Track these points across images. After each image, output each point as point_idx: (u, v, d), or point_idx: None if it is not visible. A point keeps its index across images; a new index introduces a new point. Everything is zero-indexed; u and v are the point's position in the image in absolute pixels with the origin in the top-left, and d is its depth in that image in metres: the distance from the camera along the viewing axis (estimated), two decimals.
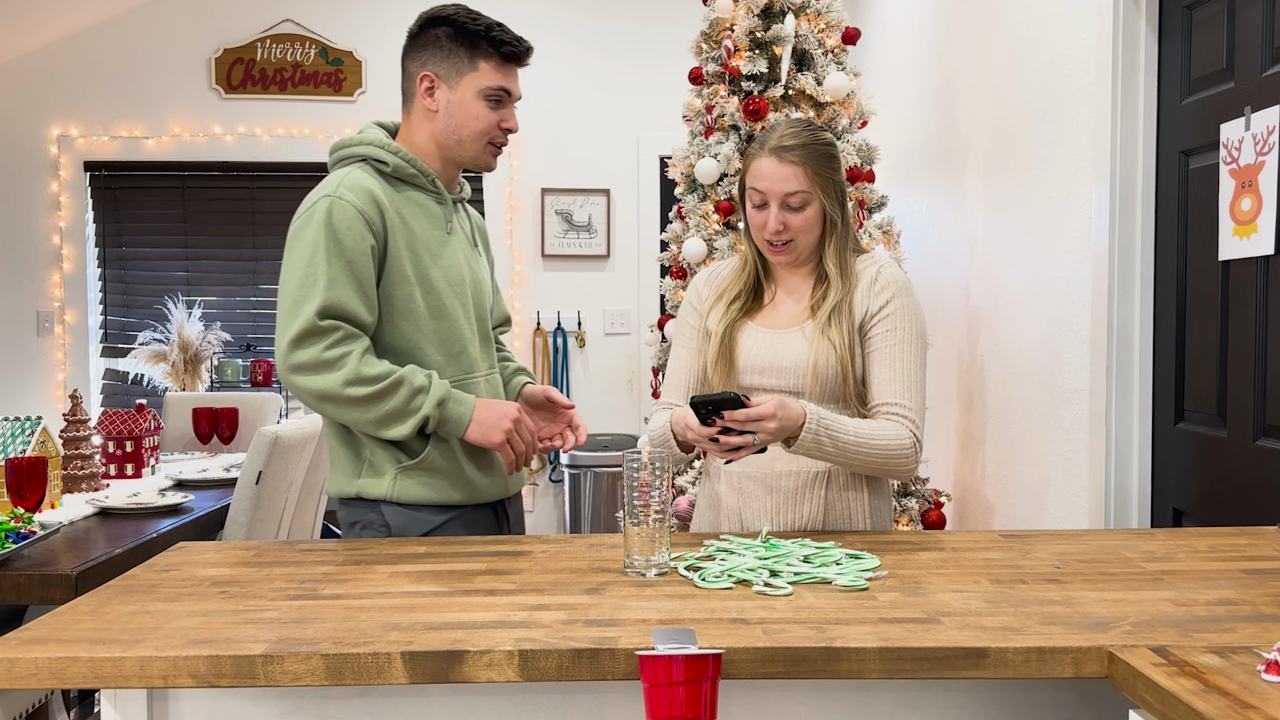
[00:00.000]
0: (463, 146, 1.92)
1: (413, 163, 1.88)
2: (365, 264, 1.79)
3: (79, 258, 5.13)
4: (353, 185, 1.81)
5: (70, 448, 2.93)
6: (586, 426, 5.21)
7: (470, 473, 1.89)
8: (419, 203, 1.90)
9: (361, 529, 1.89)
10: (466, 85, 1.89)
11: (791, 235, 1.82)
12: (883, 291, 1.83)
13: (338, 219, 1.77)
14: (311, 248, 1.77)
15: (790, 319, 1.88)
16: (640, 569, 1.48)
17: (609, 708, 1.34)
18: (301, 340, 1.75)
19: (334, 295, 1.75)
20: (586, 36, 5.20)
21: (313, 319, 1.74)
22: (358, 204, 1.79)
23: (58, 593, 2.06)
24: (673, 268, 3.40)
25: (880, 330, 1.82)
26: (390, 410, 1.77)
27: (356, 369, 1.74)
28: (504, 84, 1.92)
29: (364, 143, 1.89)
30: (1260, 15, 2.05)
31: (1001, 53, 3.11)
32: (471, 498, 1.90)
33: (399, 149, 1.88)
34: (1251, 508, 2.09)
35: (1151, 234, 2.43)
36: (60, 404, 5.09)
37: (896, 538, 1.72)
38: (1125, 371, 2.46)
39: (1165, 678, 1.05)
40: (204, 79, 5.11)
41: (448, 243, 1.92)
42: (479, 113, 1.90)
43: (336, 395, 1.75)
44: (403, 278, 1.83)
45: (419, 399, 1.78)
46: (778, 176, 1.79)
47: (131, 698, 1.32)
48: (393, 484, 1.85)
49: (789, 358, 1.82)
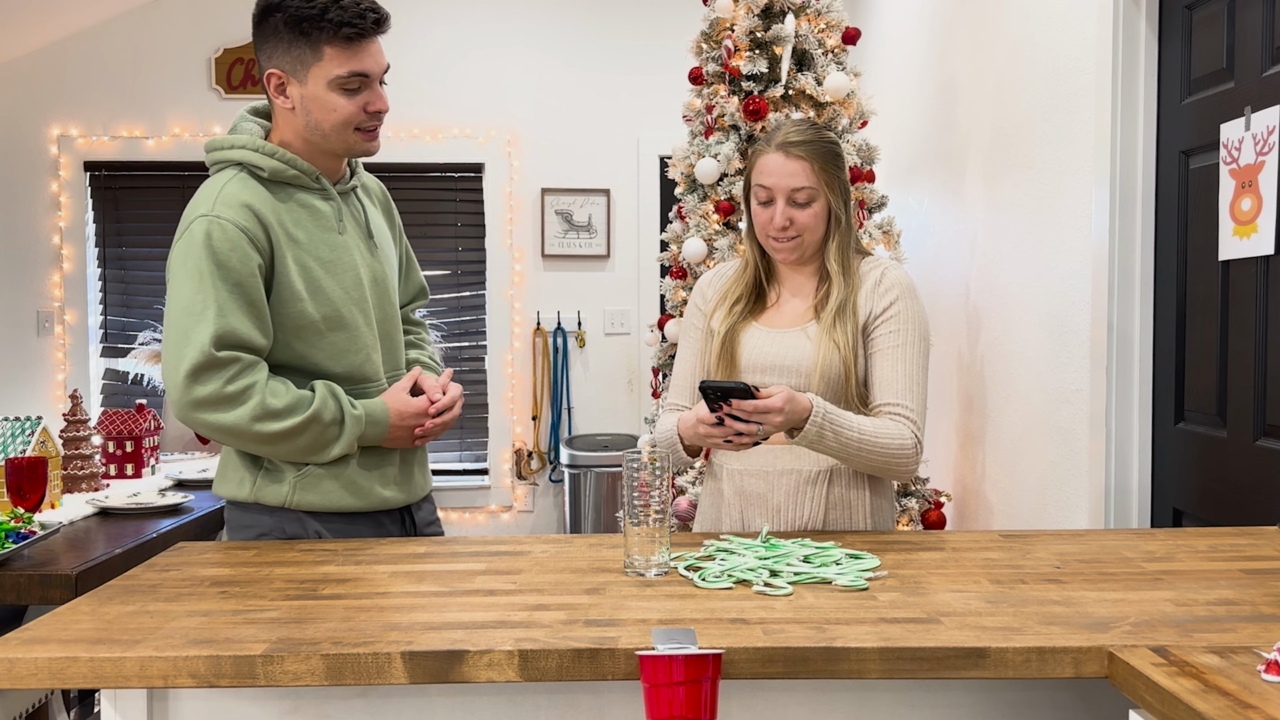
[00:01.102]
0: (329, 140, 1.77)
1: (291, 163, 1.76)
2: (254, 285, 1.69)
3: (79, 258, 5.13)
4: (230, 201, 1.70)
5: (70, 448, 2.93)
6: (586, 424, 5.22)
7: (365, 480, 1.82)
8: (304, 204, 1.78)
9: (260, 534, 1.80)
10: (315, 77, 1.72)
11: (797, 231, 1.83)
12: (887, 293, 1.84)
13: (218, 241, 1.66)
14: (196, 275, 1.66)
15: (793, 318, 1.89)
16: (640, 569, 1.48)
17: (609, 708, 1.34)
18: (199, 374, 1.65)
19: (226, 323, 1.65)
20: (586, 36, 5.19)
21: (208, 350, 1.64)
22: (239, 222, 1.68)
23: (58, 593, 2.06)
24: (673, 268, 3.40)
25: (884, 331, 1.83)
26: (303, 446, 1.73)
27: (263, 403, 1.67)
28: (355, 68, 1.73)
29: (236, 145, 1.76)
30: (1260, 15, 2.05)
31: (1002, 53, 3.11)
32: (372, 505, 1.83)
33: (275, 150, 1.75)
34: (1251, 508, 2.09)
35: (1151, 234, 2.43)
36: (60, 404, 5.09)
37: (896, 538, 1.72)
38: (1125, 371, 2.46)
39: (1165, 678, 1.05)
40: (204, 79, 5.11)
41: (339, 244, 1.80)
42: (335, 104, 1.74)
43: (245, 432, 1.68)
44: (292, 294, 1.73)
45: (332, 431, 1.74)
46: (785, 172, 1.80)
47: (131, 698, 1.32)
48: (291, 492, 1.78)
49: (791, 356, 1.83)
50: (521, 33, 5.12)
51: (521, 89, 5.14)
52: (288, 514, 1.79)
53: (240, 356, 1.68)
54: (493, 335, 5.17)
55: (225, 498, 1.85)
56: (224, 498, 1.86)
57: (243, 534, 1.83)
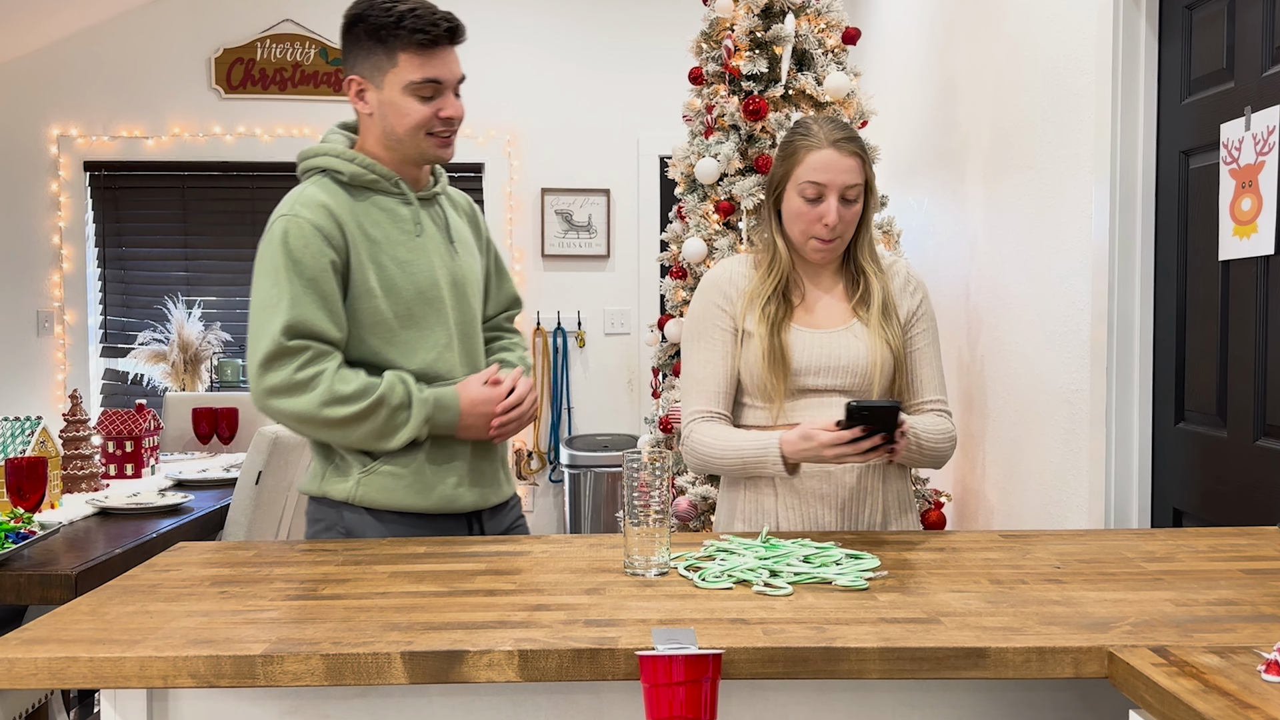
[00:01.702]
0: (404, 145, 1.83)
1: (371, 168, 1.83)
2: (327, 279, 1.75)
3: (79, 258, 5.13)
4: (307, 202, 1.77)
5: (70, 448, 2.93)
6: (586, 424, 5.22)
7: (435, 479, 1.83)
8: (384, 208, 1.84)
9: (323, 530, 1.83)
10: (391, 83, 1.80)
11: (844, 229, 1.82)
12: (915, 292, 1.91)
13: (294, 238, 1.74)
14: (272, 271, 1.74)
15: (833, 318, 1.87)
16: (640, 569, 1.48)
17: (609, 708, 1.34)
18: (271, 363, 1.71)
19: (298, 313, 1.71)
20: (586, 36, 5.20)
21: (279, 339, 1.70)
22: (314, 220, 1.75)
23: (58, 593, 2.06)
24: (673, 268, 3.40)
25: (917, 330, 1.89)
26: (372, 431, 1.75)
27: (331, 388, 1.71)
28: (429, 74, 1.79)
29: (321, 153, 1.85)
30: (1260, 15, 2.05)
31: (1002, 52, 3.11)
32: (438, 507, 1.83)
33: (355, 156, 1.83)
34: (1251, 508, 2.09)
35: (1151, 234, 2.43)
36: (60, 404, 5.09)
37: (896, 538, 1.72)
38: (1125, 371, 2.46)
39: (1165, 678, 1.05)
40: (204, 79, 5.11)
41: (416, 246, 1.85)
42: (409, 109, 1.80)
43: (314, 417, 1.72)
44: (367, 290, 1.79)
45: (401, 416, 1.76)
46: (841, 168, 1.78)
47: (131, 698, 1.32)
48: (355, 487, 1.80)
49: (846, 357, 1.82)
50: (521, 32, 5.13)
51: (521, 89, 5.14)
52: (351, 510, 1.81)
53: (310, 344, 1.72)
54: None
55: (301, 490, 1.89)
56: (301, 490, 1.89)
57: (312, 528, 1.86)
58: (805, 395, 1.83)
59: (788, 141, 1.85)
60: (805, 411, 1.81)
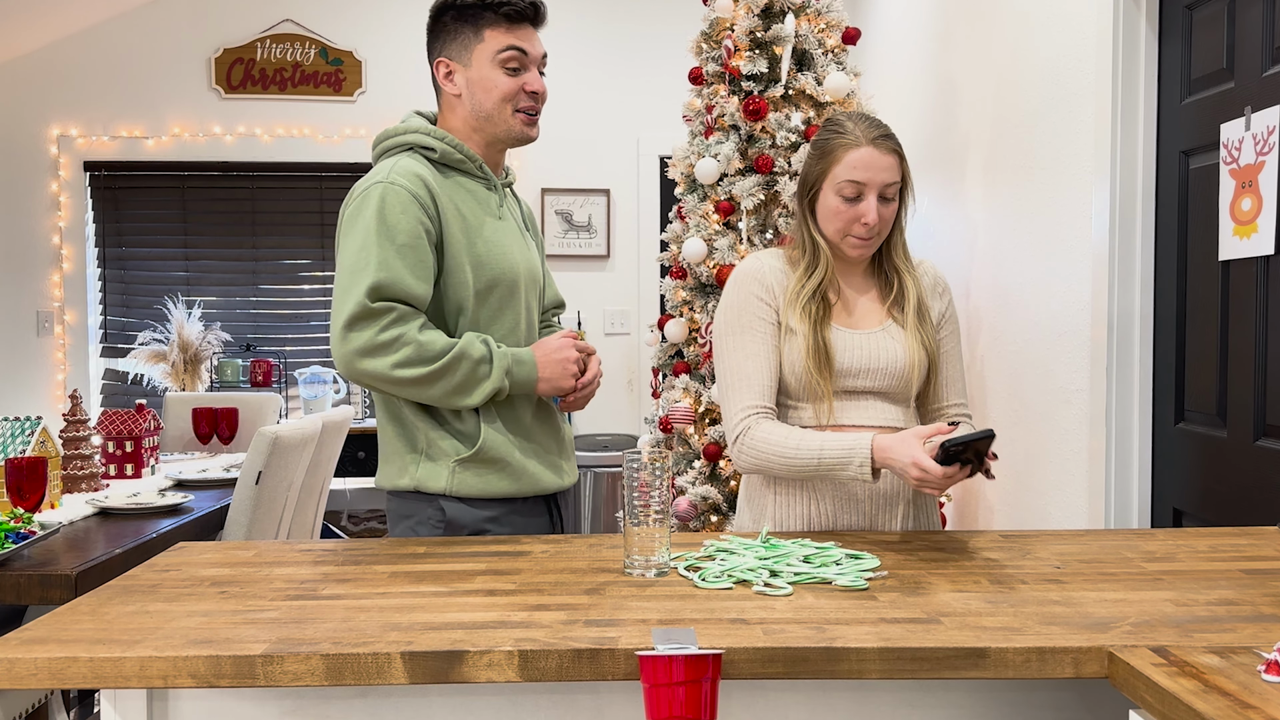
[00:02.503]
0: (491, 122, 1.88)
1: (459, 148, 1.86)
2: (421, 245, 1.76)
3: (79, 258, 5.13)
4: (404, 171, 1.79)
5: (70, 448, 2.93)
6: (586, 424, 5.22)
7: (524, 462, 1.86)
8: (468, 189, 1.87)
9: (417, 524, 1.83)
10: (479, 58, 1.85)
11: (882, 227, 1.81)
12: (943, 294, 1.92)
13: (390, 203, 1.75)
14: (363, 234, 1.75)
15: (869, 319, 1.85)
16: (640, 569, 1.48)
17: (609, 708, 1.34)
18: (354, 324, 1.71)
19: (384, 275, 1.72)
20: (586, 36, 5.19)
21: (363, 301, 1.70)
22: (410, 188, 1.77)
23: (58, 593, 2.06)
24: (673, 268, 3.40)
25: (945, 333, 1.90)
26: (456, 384, 1.76)
27: (415, 349, 1.72)
28: (515, 42, 1.85)
29: (409, 130, 1.87)
30: (1260, 15, 2.05)
31: (1001, 53, 3.10)
32: (525, 489, 1.86)
33: (444, 135, 1.86)
34: (1251, 508, 2.09)
35: (1151, 234, 2.43)
36: (60, 404, 5.09)
37: (896, 538, 1.72)
38: (1125, 371, 2.46)
39: (1165, 678, 1.05)
40: (204, 79, 5.11)
41: (500, 228, 1.89)
42: (497, 80, 1.85)
43: (395, 378, 1.73)
44: (457, 264, 1.81)
45: (483, 368, 1.77)
46: (882, 166, 1.77)
47: (131, 698, 1.32)
48: (451, 477, 1.81)
49: (884, 359, 1.81)
50: None
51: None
52: (449, 500, 1.83)
53: (395, 306, 1.73)
54: None
55: (387, 489, 1.87)
56: (386, 489, 1.88)
57: (402, 525, 1.86)
58: (843, 397, 1.81)
59: (823, 140, 1.81)
60: (844, 413, 1.80)
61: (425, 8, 1.97)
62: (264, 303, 5.26)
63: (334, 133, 5.15)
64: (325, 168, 5.17)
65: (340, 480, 4.90)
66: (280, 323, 5.26)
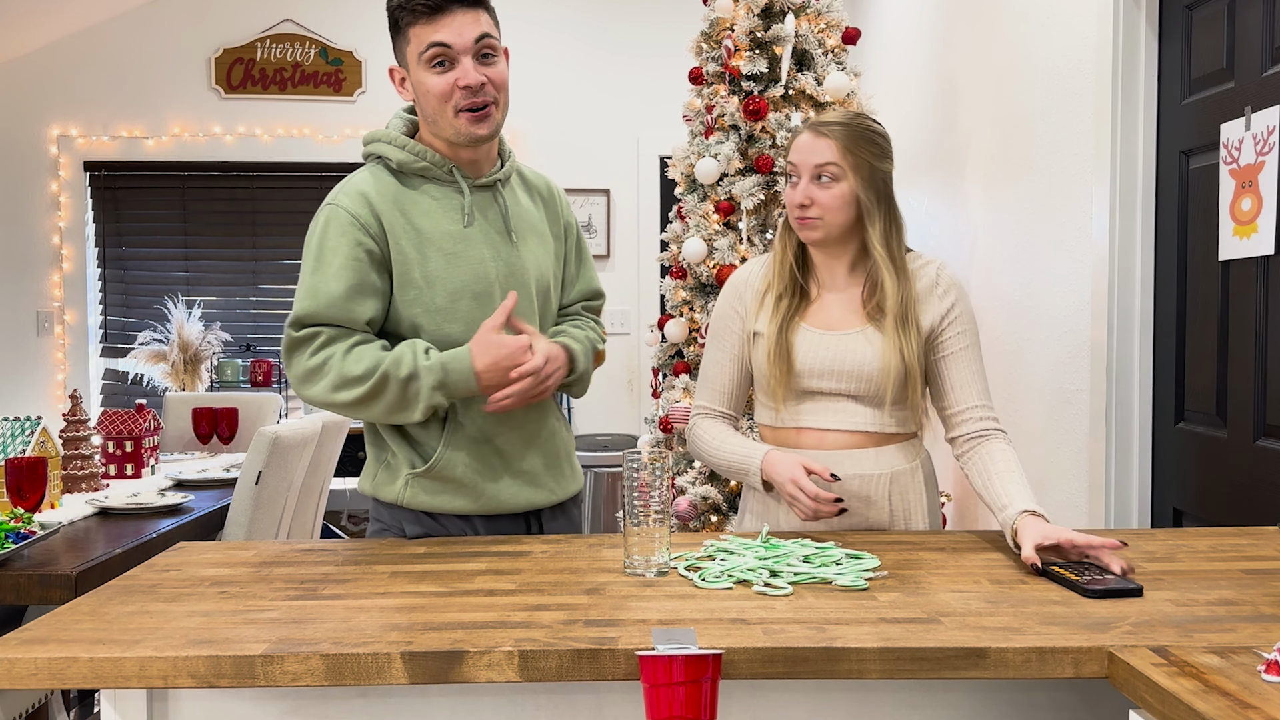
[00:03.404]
0: (438, 125, 1.77)
1: (421, 155, 1.79)
2: (359, 265, 1.71)
3: (79, 258, 5.13)
4: (350, 190, 1.76)
5: (70, 448, 2.93)
6: (586, 424, 5.22)
7: (483, 483, 1.79)
8: (434, 195, 1.79)
9: (380, 530, 1.83)
10: (411, 61, 1.76)
11: (819, 212, 1.78)
12: (946, 294, 1.82)
13: (331, 227, 1.73)
14: (304, 259, 1.75)
15: (845, 319, 1.83)
16: (640, 569, 1.48)
17: (609, 708, 1.34)
18: (289, 355, 1.73)
19: (307, 304, 1.70)
20: (586, 36, 5.20)
21: (289, 331, 1.72)
22: (351, 209, 1.73)
23: (58, 593, 2.06)
24: (673, 268, 3.40)
25: (952, 334, 1.81)
26: (389, 404, 1.70)
27: (340, 372, 1.68)
28: (433, 37, 1.71)
29: (376, 139, 1.83)
30: (1260, 15, 2.05)
31: (1002, 52, 3.10)
32: (486, 508, 1.79)
33: (405, 142, 1.79)
34: (1251, 508, 2.09)
35: (1151, 234, 2.43)
36: (60, 404, 5.09)
37: (896, 538, 1.71)
38: (1125, 371, 2.46)
39: (1165, 678, 1.05)
40: (204, 79, 5.11)
41: (465, 236, 1.79)
42: (427, 82, 1.74)
43: (331, 401, 1.71)
44: (409, 280, 1.75)
45: (412, 386, 1.69)
46: (811, 148, 1.79)
47: (131, 698, 1.32)
48: (403, 489, 1.79)
49: (852, 361, 1.79)
50: (521, 33, 5.13)
51: (521, 89, 5.12)
52: (404, 512, 1.80)
53: (321, 330, 1.70)
54: None
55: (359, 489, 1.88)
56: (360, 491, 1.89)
57: (372, 526, 1.86)
58: (811, 398, 1.82)
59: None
60: (811, 414, 1.82)
61: None
62: (264, 303, 5.26)
63: (334, 133, 5.15)
64: (325, 168, 5.17)
65: (340, 480, 4.90)
66: (280, 323, 5.26)
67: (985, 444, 1.78)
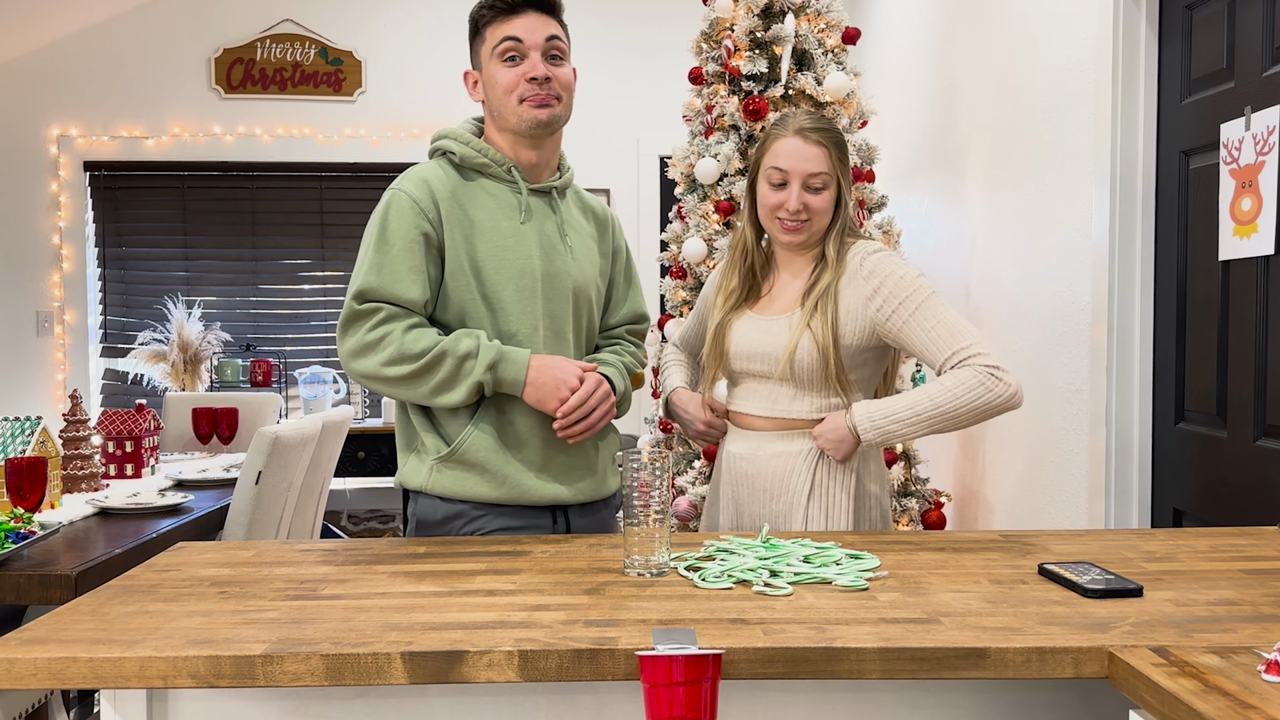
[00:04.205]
0: (503, 116, 1.87)
1: (483, 151, 1.88)
2: (415, 249, 1.78)
3: (79, 258, 5.13)
4: (412, 177, 1.84)
5: (70, 448, 2.93)
6: None
7: (507, 469, 1.81)
8: (490, 192, 1.88)
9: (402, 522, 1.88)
10: (485, 58, 1.89)
11: (809, 215, 1.86)
12: (870, 277, 1.84)
13: (392, 209, 1.81)
14: (366, 239, 1.82)
15: (784, 305, 1.92)
16: (640, 569, 1.48)
17: (609, 708, 1.34)
18: (346, 327, 1.78)
19: (372, 279, 1.76)
20: (587, 37, 5.19)
21: (352, 304, 1.77)
22: (413, 194, 1.81)
23: (58, 593, 2.06)
24: (673, 268, 3.40)
25: (890, 309, 1.81)
26: (439, 381, 1.76)
27: (400, 347, 1.74)
28: (508, 32, 1.85)
29: (443, 135, 1.92)
30: (1260, 15, 2.05)
31: (1002, 53, 3.10)
32: (508, 496, 1.80)
33: (469, 139, 1.89)
34: (1251, 508, 2.09)
35: (1151, 234, 2.43)
36: (60, 404, 5.09)
37: (896, 538, 1.72)
38: (1125, 371, 2.46)
39: (1165, 678, 1.05)
40: (204, 79, 5.11)
41: (519, 233, 1.86)
42: (498, 75, 1.86)
43: (382, 375, 1.75)
44: (459, 268, 1.82)
45: (468, 364, 1.76)
46: (804, 156, 1.84)
47: (131, 698, 1.32)
48: (429, 475, 1.82)
49: (770, 344, 1.87)
50: None
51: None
52: (424, 497, 1.84)
53: (382, 307, 1.76)
54: None
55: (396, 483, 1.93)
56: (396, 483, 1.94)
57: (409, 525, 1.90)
58: (745, 379, 1.94)
59: (765, 132, 1.92)
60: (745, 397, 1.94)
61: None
62: (264, 303, 5.26)
63: (334, 133, 5.15)
64: (325, 168, 5.17)
65: (340, 480, 4.90)
66: (280, 323, 5.26)
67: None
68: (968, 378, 1.75)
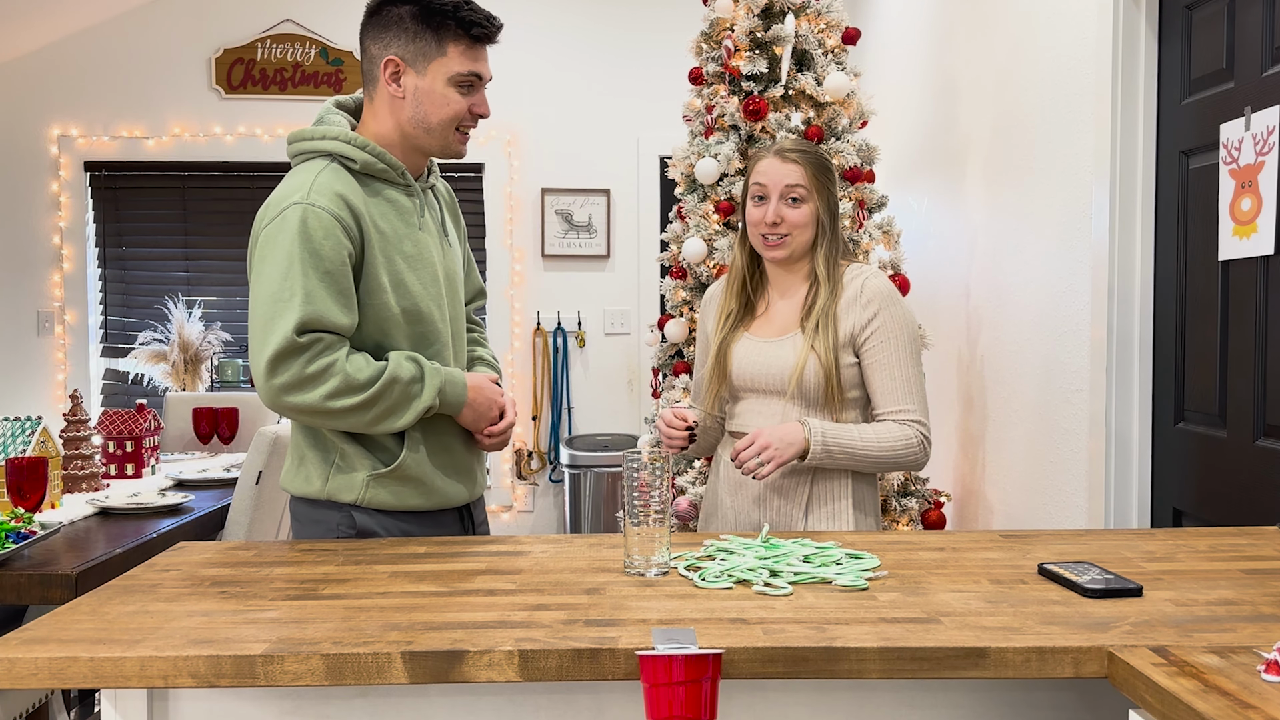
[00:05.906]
0: (431, 135, 1.81)
1: (381, 157, 1.78)
2: (344, 273, 1.71)
3: (79, 258, 5.13)
4: (324, 190, 1.72)
5: (70, 448, 2.93)
6: (586, 424, 5.22)
7: (440, 481, 1.85)
8: (389, 199, 1.80)
9: (326, 530, 1.82)
10: (435, 72, 1.78)
11: (788, 229, 1.95)
12: (868, 305, 1.95)
13: (313, 228, 1.68)
14: (286, 261, 1.68)
15: (782, 326, 2.00)
16: (640, 569, 1.48)
17: (609, 708, 1.34)
18: (280, 360, 1.66)
19: (312, 309, 1.67)
20: (586, 37, 5.20)
21: (290, 336, 1.65)
22: (333, 210, 1.70)
23: (58, 593, 2.06)
24: (673, 268, 3.40)
25: (873, 344, 1.94)
26: (388, 408, 1.74)
27: (344, 379, 1.68)
28: (475, 69, 1.80)
29: (328, 137, 1.78)
30: (1260, 15, 2.05)
31: (1002, 53, 3.11)
32: (436, 504, 1.86)
33: (366, 143, 1.78)
34: (1251, 508, 2.09)
35: (1151, 234, 2.43)
36: (60, 404, 5.09)
37: (896, 538, 1.72)
38: (1125, 371, 2.46)
39: (1165, 678, 1.05)
40: (204, 79, 5.11)
41: (420, 240, 1.83)
42: (450, 99, 1.79)
43: (323, 409, 1.69)
44: (378, 285, 1.76)
45: (414, 387, 1.75)
46: (780, 171, 1.96)
47: (131, 698, 1.32)
48: (364, 489, 1.79)
49: (775, 366, 1.95)
50: (521, 32, 5.13)
51: (521, 89, 5.14)
52: (359, 510, 1.81)
53: (322, 336, 1.69)
54: (493, 335, 5.17)
55: (294, 493, 1.86)
56: (293, 493, 1.86)
57: (311, 529, 1.85)
58: (749, 396, 2.00)
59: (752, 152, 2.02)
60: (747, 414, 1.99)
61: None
62: None
63: None
64: None
65: None
66: None
67: None
68: (906, 434, 1.91)
